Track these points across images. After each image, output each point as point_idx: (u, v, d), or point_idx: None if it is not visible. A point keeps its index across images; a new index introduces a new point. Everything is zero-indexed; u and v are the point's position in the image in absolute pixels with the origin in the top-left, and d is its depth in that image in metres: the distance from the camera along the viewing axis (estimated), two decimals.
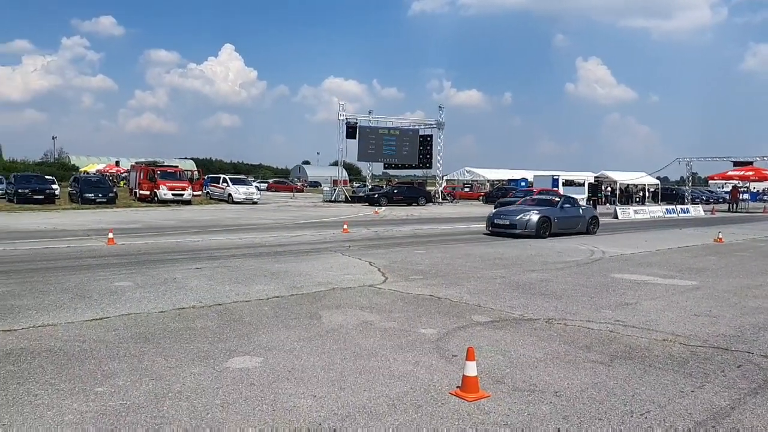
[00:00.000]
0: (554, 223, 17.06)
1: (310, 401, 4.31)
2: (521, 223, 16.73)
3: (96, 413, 3.98)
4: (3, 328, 6.07)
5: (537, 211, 17.12)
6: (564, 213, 17.80)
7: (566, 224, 17.65)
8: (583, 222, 18.35)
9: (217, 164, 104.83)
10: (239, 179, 40.94)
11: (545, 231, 16.75)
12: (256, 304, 7.49)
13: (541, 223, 16.68)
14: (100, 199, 29.44)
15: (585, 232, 18.22)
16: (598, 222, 19.17)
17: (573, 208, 18.48)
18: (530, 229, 16.55)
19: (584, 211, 18.98)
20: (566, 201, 18.67)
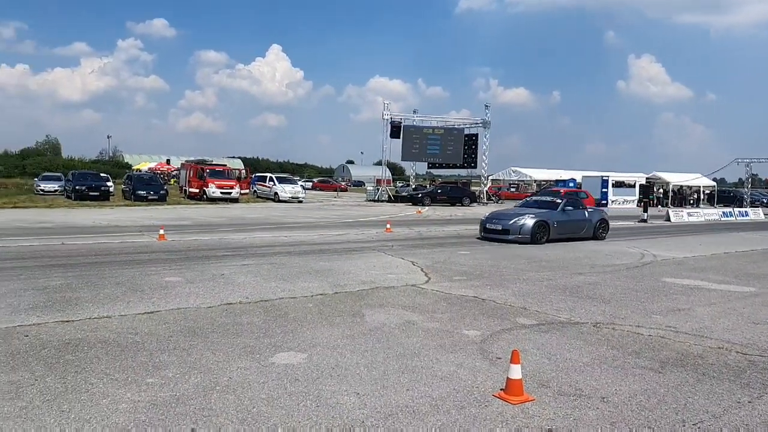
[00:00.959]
0: (553, 228, 15.49)
1: (354, 399, 4.34)
2: (515, 228, 15.17)
3: (147, 403, 4.11)
4: (62, 319, 6.35)
5: (533, 215, 15.55)
6: (565, 216, 16.15)
7: (568, 229, 16.09)
8: (589, 226, 16.66)
9: (264, 163, 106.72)
10: (285, 178, 41.60)
11: (542, 237, 15.18)
12: (301, 301, 7.59)
13: (537, 227, 15.10)
14: (152, 196, 30.40)
15: (592, 237, 16.61)
16: (608, 226, 17.37)
17: (577, 211, 16.79)
18: (524, 234, 15.01)
19: (590, 213, 17.19)
20: (569, 203, 16.93)
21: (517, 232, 15.08)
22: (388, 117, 41.32)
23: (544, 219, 15.43)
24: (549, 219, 15.55)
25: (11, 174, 58.36)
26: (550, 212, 16.01)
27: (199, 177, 33.62)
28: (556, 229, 15.56)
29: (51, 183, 35.24)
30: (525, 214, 15.61)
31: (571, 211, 16.48)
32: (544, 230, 15.26)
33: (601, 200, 44.21)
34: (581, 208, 17.01)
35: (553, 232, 15.48)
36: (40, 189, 34.41)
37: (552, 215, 15.84)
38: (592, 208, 17.77)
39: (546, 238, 15.22)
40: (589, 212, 17.11)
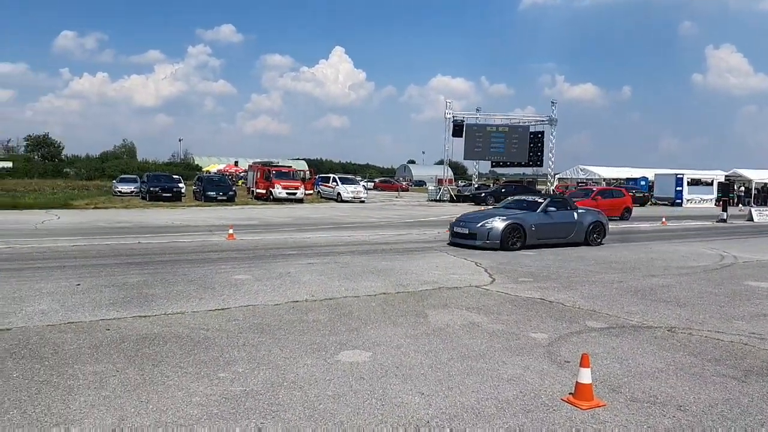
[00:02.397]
0: (530, 232, 13.43)
1: (418, 398, 4.33)
2: (482, 232, 13.19)
3: (219, 397, 4.26)
4: (139, 314, 6.67)
5: (504, 217, 13.52)
6: (547, 219, 13.97)
7: (550, 233, 13.98)
8: (578, 230, 14.45)
9: (327, 164, 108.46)
10: (347, 179, 42.11)
11: (515, 242, 13.22)
12: (365, 300, 7.66)
13: (509, 231, 13.11)
14: (221, 197, 31.49)
15: (583, 242, 14.47)
16: (605, 230, 15.05)
17: (562, 213, 14.54)
18: (493, 239, 13.04)
19: (581, 216, 14.73)
20: (552, 203, 14.67)
21: (485, 237, 13.14)
22: (450, 116, 41.04)
23: (517, 221, 13.44)
24: (525, 221, 13.52)
25: (92, 176, 61.94)
26: (527, 214, 14.00)
27: (265, 178, 34.56)
28: (535, 233, 13.54)
29: (127, 185, 37.13)
30: (495, 216, 13.67)
31: (555, 212, 14.31)
32: (517, 234, 13.28)
33: (675, 199, 42.30)
34: (569, 209, 14.86)
35: (531, 237, 13.47)
36: (117, 190, 36.34)
37: (529, 217, 13.79)
38: (584, 209, 15.42)
39: (521, 244, 13.26)
40: (579, 213, 14.79)
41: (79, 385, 4.42)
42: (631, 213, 26.00)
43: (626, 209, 25.84)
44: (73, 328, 5.98)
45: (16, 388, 4.31)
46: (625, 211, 25.62)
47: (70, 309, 6.81)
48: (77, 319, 6.37)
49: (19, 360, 4.95)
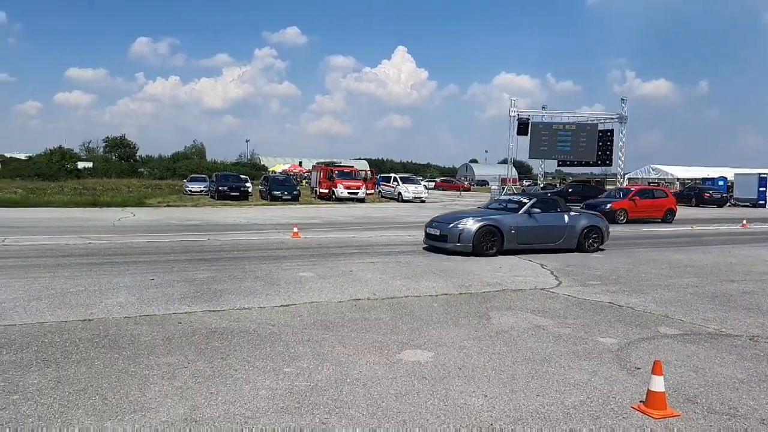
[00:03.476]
0: (509, 235, 12.09)
1: (481, 400, 4.28)
2: (453, 234, 11.96)
3: (285, 391, 4.35)
4: (209, 308, 6.92)
5: (479, 218, 12.27)
6: (531, 221, 12.51)
7: (534, 237, 12.55)
8: (569, 234, 12.85)
9: (388, 164, 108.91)
10: (408, 178, 42.13)
11: (490, 246, 11.90)
12: (426, 300, 7.64)
13: (482, 234, 11.84)
14: (286, 196, 32.23)
15: (575, 248, 12.87)
16: (602, 235, 13.34)
17: (550, 215, 12.94)
18: (465, 242, 11.81)
19: (573, 219, 13.10)
20: (538, 204, 12.96)
21: (456, 239, 11.90)
22: (515, 114, 40.25)
23: (493, 223, 12.11)
24: (502, 223, 12.18)
25: (164, 176, 64.78)
26: (507, 215, 12.65)
27: (328, 178, 35.12)
28: (515, 237, 12.20)
29: (197, 184, 38.57)
30: (469, 217, 12.41)
31: (540, 214, 12.72)
32: (492, 238, 11.98)
33: (758, 200, 39.82)
34: (559, 211, 13.22)
35: (510, 241, 12.13)
36: (188, 189, 37.81)
37: (508, 219, 12.42)
38: (577, 212, 13.75)
39: (497, 248, 11.97)
40: (570, 217, 13.14)
41: (153, 375, 4.63)
42: (674, 215, 23.53)
43: (669, 211, 23.46)
44: (148, 321, 6.28)
45: (98, 376, 4.56)
46: (667, 213, 23.30)
47: (145, 302, 7.14)
48: (151, 312, 6.68)
49: (100, 349, 5.24)
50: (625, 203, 22.55)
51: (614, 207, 22.12)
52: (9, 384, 4.35)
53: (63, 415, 3.83)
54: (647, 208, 22.84)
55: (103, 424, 3.73)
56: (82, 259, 10.57)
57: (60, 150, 65.85)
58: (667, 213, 23.37)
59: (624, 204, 22.49)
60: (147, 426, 3.71)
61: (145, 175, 67.73)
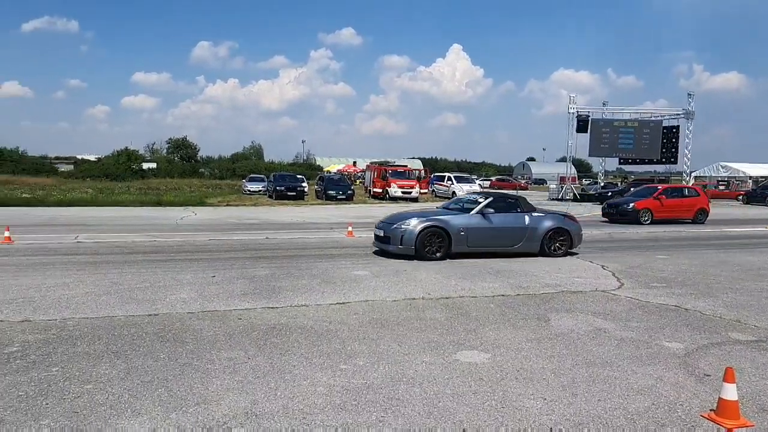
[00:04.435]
0: (458, 237, 11.04)
1: (540, 403, 4.19)
2: (395, 236, 10.99)
3: (341, 388, 4.40)
4: (267, 305, 7.08)
5: (423, 218, 11.23)
6: (484, 222, 11.37)
7: (488, 239, 11.40)
8: (530, 237, 11.64)
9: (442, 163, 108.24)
10: (463, 177, 41.82)
11: (435, 249, 10.92)
12: (482, 301, 7.54)
13: (426, 236, 10.85)
14: (340, 195, 32.61)
15: (538, 252, 11.70)
16: (571, 239, 11.97)
17: (507, 216, 11.74)
18: (407, 244, 10.82)
19: (535, 220, 11.81)
20: (494, 204, 11.78)
21: (398, 242, 10.96)
22: (574, 111, 39.23)
23: (438, 224, 11.08)
24: (450, 224, 11.13)
25: (224, 176, 66.75)
26: (456, 216, 11.56)
27: (382, 178, 35.27)
28: (465, 239, 11.14)
29: (256, 184, 39.51)
30: (414, 217, 11.39)
31: (495, 215, 11.56)
32: (438, 240, 10.97)
33: None
34: (519, 212, 11.96)
35: (459, 243, 11.09)
36: (246, 189, 38.79)
37: (458, 220, 11.34)
38: (541, 213, 12.28)
39: (443, 252, 10.97)
40: (532, 218, 11.85)
41: (215, 369, 4.77)
42: (707, 215, 21.81)
43: (700, 211, 21.69)
44: (210, 316, 6.48)
45: (163, 368, 4.74)
46: (699, 213, 21.58)
47: (207, 298, 7.37)
48: (213, 308, 6.88)
49: (165, 343, 5.45)
50: (649, 203, 21.05)
51: (637, 207, 20.75)
52: (83, 373, 4.58)
53: (132, 405, 4.00)
54: (675, 208, 21.26)
55: (169, 415, 3.87)
56: (148, 256, 11.03)
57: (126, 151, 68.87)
58: (699, 213, 21.62)
59: (648, 203, 20.97)
60: (210, 418, 3.83)
61: (205, 175, 69.99)
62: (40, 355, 5.00)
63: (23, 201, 26.16)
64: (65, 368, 4.70)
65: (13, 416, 3.80)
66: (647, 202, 21.03)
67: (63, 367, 4.73)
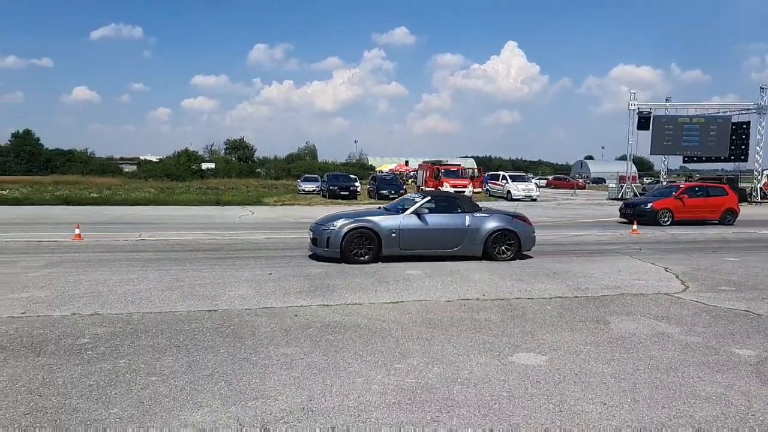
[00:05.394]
0: (389, 239, 10.40)
1: (600, 408, 4.06)
2: (322, 238, 10.46)
3: (396, 387, 4.40)
4: (322, 303, 7.17)
5: (350, 220, 10.60)
6: (420, 223, 10.66)
7: (423, 241, 10.69)
8: (471, 239, 10.79)
9: (497, 161, 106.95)
10: (518, 176, 41.04)
11: (363, 252, 10.33)
12: (539, 303, 7.39)
13: (352, 238, 10.27)
14: (393, 195, 32.56)
15: (481, 255, 10.85)
16: (519, 241, 10.98)
17: (445, 217, 10.97)
18: (333, 247, 10.26)
19: (476, 221, 10.92)
20: (431, 204, 11.02)
21: (325, 244, 10.40)
22: (635, 107, 37.91)
23: (366, 225, 10.46)
24: (380, 226, 10.47)
25: (279, 176, 68.06)
26: (388, 216, 10.85)
27: (434, 177, 35.15)
28: (396, 241, 10.48)
29: (310, 183, 40.11)
30: (342, 218, 10.73)
31: (432, 215, 10.83)
32: (366, 242, 10.37)
33: None
34: (459, 212, 11.12)
35: (389, 246, 10.45)
36: (301, 189, 39.42)
37: (389, 221, 10.63)
38: (485, 213, 11.32)
39: (372, 255, 10.38)
40: (474, 218, 10.98)
41: (272, 364, 4.87)
42: (736, 216, 20.41)
43: (728, 211, 20.29)
44: (267, 313, 6.62)
45: (223, 363, 4.88)
46: (726, 214, 20.20)
47: (264, 295, 7.54)
48: (270, 305, 7.03)
49: (224, 338, 5.60)
50: (669, 202, 19.79)
51: (655, 207, 19.56)
52: (147, 366, 4.77)
53: (194, 398, 4.14)
54: (699, 208, 19.91)
55: (228, 408, 3.97)
56: (208, 254, 11.38)
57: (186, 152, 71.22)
58: (726, 214, 20.20)
59: (668, 203, 19.71)
60: (267, 413, 3.91)
61: (262, 175, 71.60)
62: (108, 347, 5.24)
63: (91, 200, 27.49)
64: (131, 360, 4.90)
65: (86, 404, 4.00)
66: (667, 201, 19.88)
67: (129, 359, 4.94)
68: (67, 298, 7.19)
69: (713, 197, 20.75)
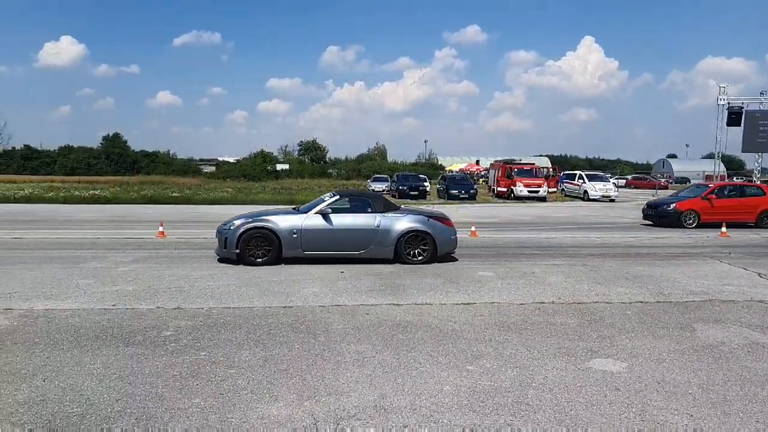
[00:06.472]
0: (289, 240, 9.91)
1: (686, 420, 3.85)
2: (221, 239, 10.14)
3: (468, 389, 4.35)
4: (393, 302, 7.20)
5: (249, 219, 10.12)
6: (322, 224, 10.11)
7: (326, 242, 10.14)
8: (380, 240, 10.16)
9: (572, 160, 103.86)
10: (595, 175, 39.59)
11: (262, 253, 9.88)
12: (618, 307, 7.10)
13: (249, 239, 9.83)
14: (463, 195, 32.38)
15: (393, 258, 10.24)
16: (434, 243, 10.22)
17: (353, 216, 10.36)
18: (230, 248, 9.88)
19: (387, 221, 10.25)
20: (338, 202, 10.55)
21: (223, 245, 10.06)
22: (724, 102, 35.61)
23: (265, 226, 9.98)
24: (279, 226, 9.97)
25: (350, 176, 69.06)
26: (289, 216, 10.31)
27: (507, 176, 34.48)
28: (297, 242, 9.97)
29: (380, 183, 40.50)
30: (241, 218, 10.24)
31: (338, 215, 10.29)
32: (264, 243, 9.91)
33: None
34: (369, 212, 10.44)
35: (290, 247, 9.96)
36: (371, 189, 39.84)
37: (290, 221, 10.10)
38: (400, 213, 10.63)
39: (271, 256, 9.89)
40: (385, 218, 10.30)
41: (345, 361, 4.94)
42: None
43: (765, 213, 18.32)
44: (339, 310, 6.72)
45: (298, 358, 5.00)
46: (763, 216, 18.24)
47: (336, 293, 7.66)
48: (342, 302, 7.14)
49: (298, 334, 5.74)
50: (695, 203, 18.09)
51: (679, 208, 17.99)
52: (227, 359, 4.96)
53: (270, 391, 4.26)
54: (730, 210, 18.02)
55: (303, 403, 4.06)
56: None
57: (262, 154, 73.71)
58: (763, 215, 18.25)
59: (694, 204, 18.04)
60: (341, 409, 3.96)
61: (333, 175, 72.90)
62: (190, 340, 5.49)
63: (173, 199, 28.98)
64: (211, 353, 5.11)
65: (170, 393, 4.21)
66: (692, 202, 18.22)
67: (209, 351, 5.15)
68: (152, 292, 7.60)
69: (748, 197, 18.85)
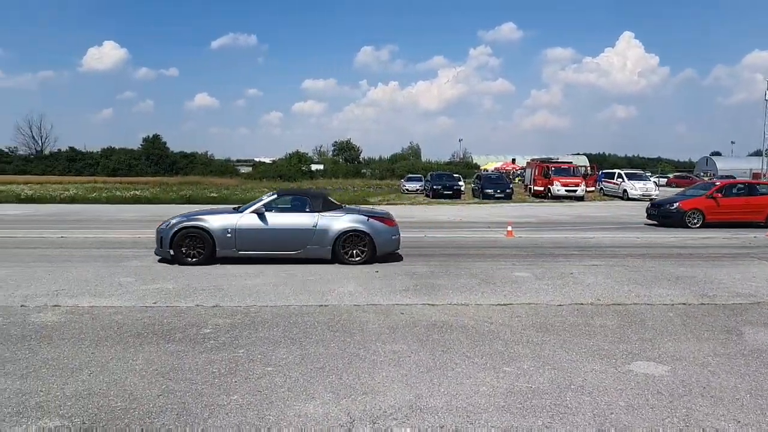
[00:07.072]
0: (224, 240, 9.82)
1: (733, 426, 3.73)
2: (158, 238, 10.16)
3: (505, 390, 4.30)
4: (428, 302, 7.17)
5: (183, 219, 10.13)
6: (257, 223, 9.98)
7: (262, 242, 10.00)
8: (318, 240, 9.99)
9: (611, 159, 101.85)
10: (635, 174, 38.69)
11: (194, 253, 9.82)
12: (660, 309, 6.92)
13: (182, 238, 9.80)
14: (498, 194, 32.04)
15: (331, 258, 10.05)
16: (373, 244, 10.02)
17: (290, 216, 10.23)
18: (165, 247, 9.90)
19: (325, 221, 10.08)
20: (276, 202, 10.41)
21: (159, 244, 10.09)
22: None
23: (198, 225, 9.93)
24: (213, 225, 9.90)
25: (384, 176, 69.23)
26: (224, 215, 10.23)
27: (544, 175, 33.97)
28: (232, 242, 9.88)
29: (413, 183, 40.44)
30: (177, 218, 10.29)
31: (274, 214, 10.16)
32: (197, 243, 9.84)
33: None
34: (307, 211, 10.27)
35: (225, 246, 9.88)
36: (405, 188, 39.85)
37: (223, 220, 10.02)
38: (340, 213, 10.42)
39: (205, 256, 9.81)
40: (324, 218, 10.14)
41: (381, 360, 4.94)
42: None
43: None
44: (374, 310, 6.73)
45: (334, 357, 5.03)
46: None
47: (371, 292, 7.68)
48: (377, 302, 7.15)
49: (334, 332, 5.77)
50: (699, 202, 17.29)
51: (682, 207, 17.28)
52: (264, 357, 5.02)
53: (307, 389, 4.30)
54: (737, 209, 17.24)
55: (339, 401, 4.08)
56: None
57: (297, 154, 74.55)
58: None
59: (698, 203, 17.25)
60: (377, 408, 3.97)
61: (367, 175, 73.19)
62: (228, 338, 5.58)
63: (211, 199, 29.50)
64: (249, 351, 5.19)
65: (209, 390, 4.28)
66: (697, 201, 17.43)
67: (247, 349, 5.23)
68: (191, 290, 7.76)
69: (754, 197, 17.93)
